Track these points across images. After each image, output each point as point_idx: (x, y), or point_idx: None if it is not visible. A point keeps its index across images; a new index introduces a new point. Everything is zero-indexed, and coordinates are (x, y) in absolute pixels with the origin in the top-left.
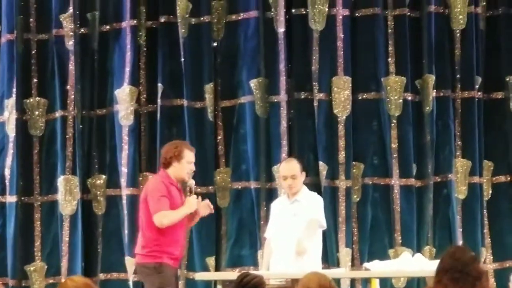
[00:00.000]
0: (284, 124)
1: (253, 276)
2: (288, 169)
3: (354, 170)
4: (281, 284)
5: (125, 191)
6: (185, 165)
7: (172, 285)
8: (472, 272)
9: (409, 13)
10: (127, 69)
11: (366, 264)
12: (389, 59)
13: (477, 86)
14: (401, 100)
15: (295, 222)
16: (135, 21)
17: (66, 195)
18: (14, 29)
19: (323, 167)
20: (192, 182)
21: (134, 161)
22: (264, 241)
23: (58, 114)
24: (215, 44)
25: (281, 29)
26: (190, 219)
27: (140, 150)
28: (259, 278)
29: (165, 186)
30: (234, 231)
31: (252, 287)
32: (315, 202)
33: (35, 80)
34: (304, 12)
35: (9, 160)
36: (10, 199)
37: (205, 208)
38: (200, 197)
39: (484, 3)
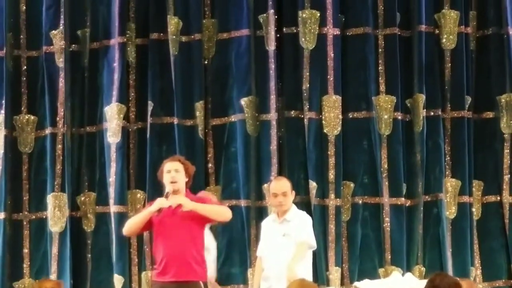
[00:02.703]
0: (274, 142)
1: None
2: (279, 187)
3: (344, 189)
4: None
5: (113, 209)
6: (165, 176)
7: None
8: None
9: (399, 33)
10: (116, 86)
11: (356, 283)
12: (380, 78)
13: (467, 106)
14: (391, 119)
15: (284, 243)
16: (125, 38)
17: (55, 212)
18: (4, 45)
19: (313, 185)
20: (169, 189)
21: (122, 179)
22: (256, 259)
23: (47, 131)
24: (206, 62)
25: (272, 48)
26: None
27: (128, 168)
28: None
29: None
30: (224, 249)
31: None
32: (304, 223)
33: (24, 97)
34: (295, 31)
35: None
36: None
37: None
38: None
39: (474, 23)
